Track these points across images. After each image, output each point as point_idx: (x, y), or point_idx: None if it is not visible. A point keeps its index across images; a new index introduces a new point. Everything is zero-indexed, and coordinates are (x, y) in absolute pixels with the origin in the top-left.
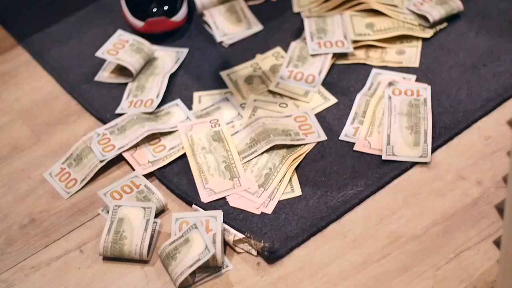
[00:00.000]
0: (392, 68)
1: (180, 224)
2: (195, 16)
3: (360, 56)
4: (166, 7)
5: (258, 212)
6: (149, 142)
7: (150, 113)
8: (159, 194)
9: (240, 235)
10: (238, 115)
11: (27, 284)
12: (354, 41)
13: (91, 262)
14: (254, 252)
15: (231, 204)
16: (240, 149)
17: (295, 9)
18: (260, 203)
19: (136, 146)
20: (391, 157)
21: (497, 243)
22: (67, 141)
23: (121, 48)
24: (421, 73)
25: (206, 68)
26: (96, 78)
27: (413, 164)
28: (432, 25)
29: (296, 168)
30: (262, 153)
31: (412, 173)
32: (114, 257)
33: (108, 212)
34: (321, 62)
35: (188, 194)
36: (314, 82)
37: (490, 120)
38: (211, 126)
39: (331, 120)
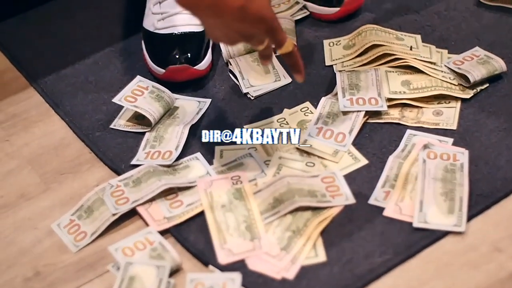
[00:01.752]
0: (428, 129)
1: (195, 285)
2: (220, 64)
3: (395, 115)
4: (189, 54)
5: (279, 277)
6: (166, 196)
7: (168, 166)
8: (174, 252)
9: None
10: (261, 172)
11: None
12: (389, 99)
13: None
14: None
15: (250, 267)
16: (262, 208)
17: (327, 62)
18: (281, 267)
19: (151, 200)
20: (423, 224)
21: None
22: (78, 191)
23: (140, 95)
24: (459, 136)
25: (229, 121)
26: (112, 126)
27: (446, 233)
28: (472, 86)
29: (321, 232)
30: (286, 214)
31: (445, 242)
32: None
33: (118, 269)
34: (353, 120)
35: (204, 254)
36: (344, 141)
37: None
38: (233, 183)
39: (360, 182)
